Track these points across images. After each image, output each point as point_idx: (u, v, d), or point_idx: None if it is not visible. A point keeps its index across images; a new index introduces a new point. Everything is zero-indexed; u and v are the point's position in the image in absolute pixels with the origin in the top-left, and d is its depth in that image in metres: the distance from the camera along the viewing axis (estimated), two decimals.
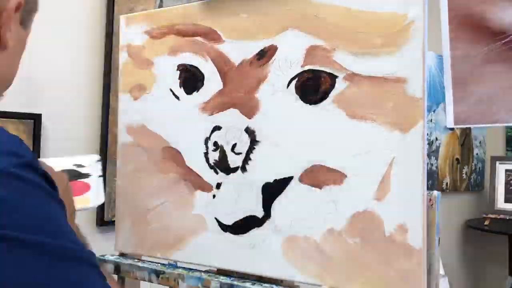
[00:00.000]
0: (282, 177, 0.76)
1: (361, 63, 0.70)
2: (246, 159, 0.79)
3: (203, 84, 0.84)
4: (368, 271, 0.69)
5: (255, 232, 0.78)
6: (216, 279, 0.78)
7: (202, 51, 0.84)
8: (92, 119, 1.60)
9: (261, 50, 0.78)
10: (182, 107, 0.86)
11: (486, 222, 2.74)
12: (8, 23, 0.53)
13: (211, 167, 0.83)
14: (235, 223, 0.80)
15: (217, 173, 0.82)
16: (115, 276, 0.91)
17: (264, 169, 0.78)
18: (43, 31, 1.29)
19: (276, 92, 0.77)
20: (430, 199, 0.68)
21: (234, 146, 0.81)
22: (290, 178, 0.76)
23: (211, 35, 0.83)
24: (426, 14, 0.67)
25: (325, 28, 0.73)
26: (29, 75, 1.26)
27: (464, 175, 2.87)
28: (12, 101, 1.22)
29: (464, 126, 0.74)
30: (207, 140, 0.83)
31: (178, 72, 0.87)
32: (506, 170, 2.84)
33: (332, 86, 0.72)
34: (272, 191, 0.77)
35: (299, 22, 0.75)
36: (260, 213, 0.78)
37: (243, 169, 0.80)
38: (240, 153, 0.80)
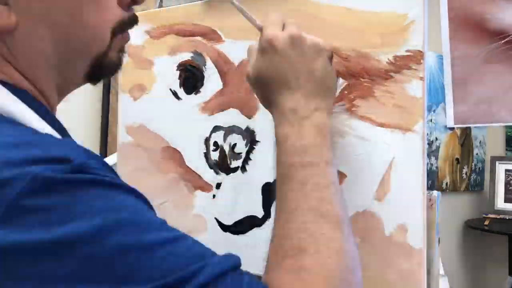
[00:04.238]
0: None
1: (361, 63, 0.70)
2: (246, 159, 0.79)
3: (203, 84, 0.84)
4: (368, 271, 0.69)
5: (255, 232, 0.78)
6: None
7: (202, 51, 0.84)
8: (92, 119, 1.60)
9: None
10: (182, 107, 0.86)
11: (486, 222, 2.74)
12: None
13: (211, 167, 0.83)
14: (235, 223, 0.80)
15: (217, 173, 0.82)
16: None
17: (264, 169, 0.78)
18: None
19: None
20: (430, 199, 0.68)
21: (234, 146, 0.81)
22: None
23: (211, 35, 0.83)
24: (426, 14, 0.66)
25: (325, 28, 0.73)
26: None
27: (464, 175, 2.87)
28: None
29: (464, 126, 0.74)
30: (207, 140, 0.84)
31: (178, 72, 0.87)
32: (506, 170, 2.83)
33: None
34: (272, 191, 0.77)
35: (299, 22, 0.75)
36: (260, 213, 0.78)
37: (243, 169, 0.80)
38: (240, 153, 0.80)
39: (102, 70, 0.55)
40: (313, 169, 0.55)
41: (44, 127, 0.47)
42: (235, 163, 0.80)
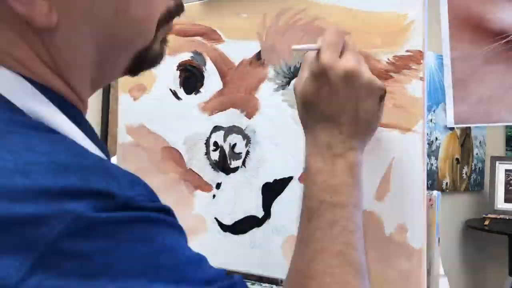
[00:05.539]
0: (282, 177, 0.76)
1: None
2: (246, 159, 0.79)
3: (203, 84, 0.84)
4: (368, 271, 0.69)
5: (255, 232, 0.78)
6: None
7: (202, 51, 0.84)
8: (91, 119, 1.60)
9: (261, 50, 0.78)
10: (182, 107, 0.86)
11: (486, 222, 2.74)
12: None
13: (211, 167, 0.83)
14: (235, 223, 0.80)
15: (217, 173, 0.82)
16: None
17: (264, 169, 0.78)
18: None
19: (276, 92, 0.77)
20: (430, 199, 0.68)
21: (234, 146, 0.81)
22: (290, 178, 0.75)
23: (211, 35, 0.83)
24: (426, 14, 0.66)
25: (325, 28, 0.73)
26: None
27: (464, 175, 2.87)
28: None
29: (464, 126, 0.74)
30: (207, 140, 0.84)
31: (178, 72, 0.87)
32: (506, 170, 2.84)
33: None
34: (272, 191, 0.77)
35: (299, 22, 0.75)
36: (260, 213, 0.78)
37: (243, 169, 0.80)
38: (240, 153, 0.80)
39: (145, 63, 0.52)
40: (342, 211, 0.54)
41: (77, 135, 0.44)
42: (235, 163, 0.80)
